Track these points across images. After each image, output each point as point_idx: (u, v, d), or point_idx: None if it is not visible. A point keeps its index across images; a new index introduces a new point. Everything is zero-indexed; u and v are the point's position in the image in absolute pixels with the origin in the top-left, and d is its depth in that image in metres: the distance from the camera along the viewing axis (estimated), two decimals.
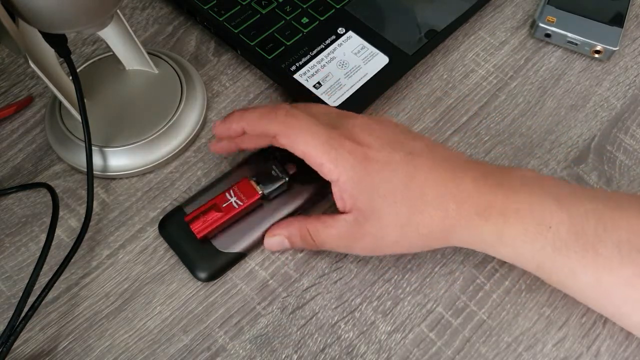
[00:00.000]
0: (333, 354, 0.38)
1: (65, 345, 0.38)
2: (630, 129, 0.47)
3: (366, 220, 0.36)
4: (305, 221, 0.38)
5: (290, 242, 0.39)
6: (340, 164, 0.35)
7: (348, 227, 0.36)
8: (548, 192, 0.35)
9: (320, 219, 0.38)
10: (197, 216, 0.39)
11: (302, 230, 0.38)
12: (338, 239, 0.37)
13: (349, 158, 0.35)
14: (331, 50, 0.48)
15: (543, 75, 0.50)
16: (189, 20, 0.53)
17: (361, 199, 0.35)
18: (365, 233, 0.36)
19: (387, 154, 0.36)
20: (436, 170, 0.36)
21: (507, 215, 0.34)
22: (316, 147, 0.35)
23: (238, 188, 0.40)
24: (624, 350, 0.38)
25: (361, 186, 0.35)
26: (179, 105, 0.45)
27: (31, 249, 0.41)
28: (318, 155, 0.35)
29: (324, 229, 0.37)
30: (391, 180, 0.35)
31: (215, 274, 0.40)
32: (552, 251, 0.34)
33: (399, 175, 0.35)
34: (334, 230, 0.37)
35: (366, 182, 0.35)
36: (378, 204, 0.35)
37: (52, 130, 0.45)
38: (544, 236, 0.34)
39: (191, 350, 0.38)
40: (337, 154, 0.35)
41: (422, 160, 0.36)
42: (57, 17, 0.35)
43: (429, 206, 0.35)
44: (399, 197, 0.35)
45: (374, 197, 0.35)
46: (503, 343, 0.38)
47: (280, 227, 0.39)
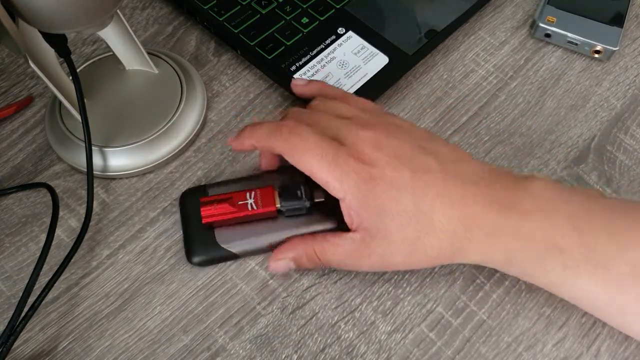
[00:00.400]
0: (333, 354, 0.38)
1: (65, 345, 0.38)
2: (630, 129, 0.47)
3: (373, 239, 0.35)
4: (312, 241, 0.38)
5: (297, 264, 0.38)
6: (346, 182, 0.35)
7: (355, 246, 0.36)
8: (560, 212, 0.34)
9: (327, 238, 0.37)
10: (212, 202, 0.39)
11: (308, 250, 0.38)
12: (345, 258, 0.37)
13: (354, 177, 0.34)
14: (331, 50, 0.48)
15: (543, 75, 0.50)
16: (189, 20, 0.53)
17: (367, 218, 0.35)
18: (372, 252, 0.35)
19: (395, 172, 0.35)
20: (446, 189, 0.35)
21: (517, 239, 0.34)
22: (322, 166, 0.35)
23: (259, 193, 0.40)
24: (624, 350, 0.38)
25: (367, 206, 0.35)
26: (179, 105, 0.45)
27: (31, 249, 0.41)
28: (323, 174, 0.35)
29: (331, 248, 0.37)
30: (399, 200, 0.34)
31: (206, 263, 0.40)
32: (562, 270, 0.34)
33: (407, 195, 0.34)
34: (340, 249, 0.36)
35: (372, 201, 0.34)
36: (385, 224, 0.35)
37: (52, 130, 0.45)
38: (555, 258, 0.34)
39: (191, 350, 0.38)
40: (342, 172, 0.35)
41: (431, 177, 0.35)
42: (57, 17, 0.35)
43: (437, 228, 0.34)
44: (407, 218, 0.34)
45: (381, 217, 0.34)
46: (503, 343, 0.38)
47: (286, 250, 0.38)
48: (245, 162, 0.45)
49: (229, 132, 0.47)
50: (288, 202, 0.40)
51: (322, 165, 0.35)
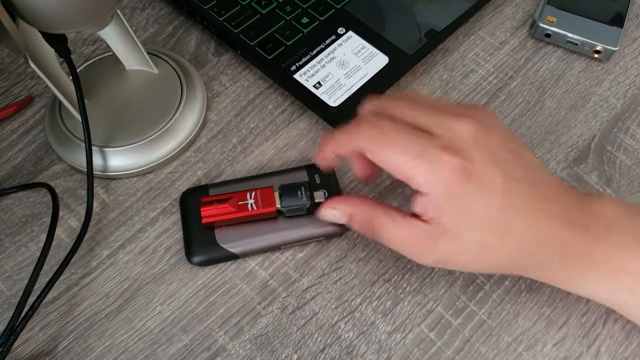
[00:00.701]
0: (333, 354, 0.38)
1: (65, 345, 0.38)
2: (630, 129, 0.47)
3: (443, 235, 0.33)
4: (374, 209, 0.35)
5: (349, 221, 0.36)
6: (434, 177, 0.32)
7: (421, 236, 0.33)
8: (631, 236, 0.34)
9: (391, 214, 0.35)
10: (212, 202, 0.39)
11: (367, 216, 0.35)
12: (406, 243, 0.34)
13: (446, 172, 0.32)
14: (331, 50, 0.48)
15: (543, 75, 0.50)
16: (189, 20, 0.53)
17: (448, 216, 0.33)
18: (437, 247, 0.33)
19: (491, 174, 0.32)
20: (530, 203, 0.33)
21: (585, 260, 0.33)
22: (406, 161, 0.33)
23: (260, 193, 0.40)
24: (624, 350, 0.38)
25: (453, 204, 0.32)
26: (179, 105, 0.45)
27: (31, 249, 0.41)
28: (407, 168, 0.33)
29: (393, 227, 0.34)
30: (488, 205, 0.32)
31: (206, 263, 0.40)
32: (628, 292, 0.34)
33: (496, 201, 0.32)
34: (403, 232, 0.34)
35: (460, 201, 0.32)
36: (464, 226, 0.33)
37: (52, 130, 0.45)
38: (621, 282, 0.33)
39: (191, 350, 0.38)
40: (431, 166, 0.32)
41: (519, 188, 0.33)
42: (57, 17, 0.35)
43: (515, 238, 0.33)
44: (488, 223, 0.33)
45: (463, 218, 0.33)
46: (503, 343, 0.38)
47: (345, 203, 0.36)
48: (245, 162, 0.45)
49: (228, 132, 0.47)
50: (288, 203, 0.40)
51: (407, 160, 0.32)
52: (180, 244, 0.41)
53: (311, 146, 0.46)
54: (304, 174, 0.43)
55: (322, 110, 0.46)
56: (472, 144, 0.33)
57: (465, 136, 0.33)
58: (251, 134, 0.47)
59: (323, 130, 0.47)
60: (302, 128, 0.47)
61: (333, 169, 0.43)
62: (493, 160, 0.33)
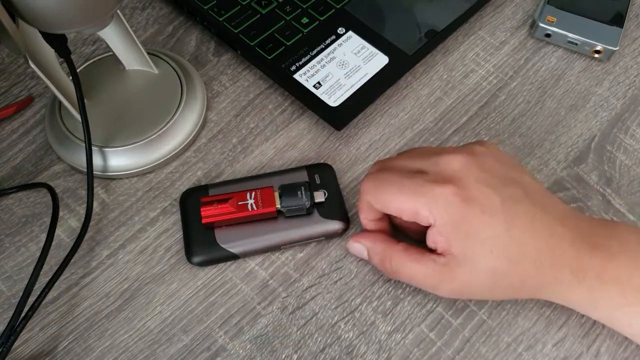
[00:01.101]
0: (333, 354, 0.38)
1: (65, 345, 0.38)
2: (630, 129, 0.47)
3: (459, 266, 0.34)
4: (392, 248, 0.37)
5: (368, 256, 0.38)
6: (434, 208, 0.34)
7: (437, 269, 0.34)
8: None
9: (408, 251, 0.36)
10: (212, 202, 0.39)
11: (385, 254, 0.37)
12: (423, 277, 0.35)
13: (443, 201, 0.33)
14: (331, 50, 0.48)
15: (543, 75, 0.50)
16: (189, 20, 0.53)
17: (456, 244, 0.33)
18: (454, 278, 0.34)
19: (487, 196, 0.33)
20: (535, 222, 0.34)
21: (603, 281, 0.33)
22: (405, 200, 0.34)
23: (260, 193, 0.40)
24: (624, 351, 0.38)
25: (458, 231, 0.33)
26: (179, 105, 0.45)
27: (31, 249, 0.41)
28: (409, 205, 0.34)
29: (410, 263, 0.36)
30: (491, 227, 0.33)
31: (206, 263, 0.40)
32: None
33: (499, 222, 0.33)
34: (420, 268, 0.35)
35: (464, 226, 0.33)
36: (474, 251, 0.33)
37: (52, 130, 0.45)
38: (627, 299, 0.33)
39: (191, 350, 0.38)
40: (428, 199, 0.34)
41: (521, 208, 0.34)
42: (57, 17, 0.35)
43: (526, 259, 0.33)
44: (497, 245, 0.33)
45: (471, 243, 0.33)
46: (503, 343, 0.38)
47: (366, 239, 0.38)
48: (245, 162, 0.45)
49: (228, 132, 0.47)
50: (288, 203, 0.40)
51: (404, 198, 0.34)
52: (180, 244, 0.41)
53: (311, 146, 0.46)
54: (304, 174, 0.43)
55: (322, 110, 0.46)
56: (464, 172, 0.34)
57: (456, 167, 0.35)
58: (251, 134, 0.47)
59: (323, 130, 0.47)
60: (302, 128, 0.47)
61: (332, 169, 0.44)
62: (487, 184, 0.34)
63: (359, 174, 0.45)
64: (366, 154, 0.46)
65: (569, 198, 0.43)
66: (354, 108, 0.46)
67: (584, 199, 0.43)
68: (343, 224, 0.41)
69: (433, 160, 0.36)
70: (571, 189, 0.44)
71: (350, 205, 0.43)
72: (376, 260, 0.38)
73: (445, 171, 0.35)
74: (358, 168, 0.45)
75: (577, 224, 0.35)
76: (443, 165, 0.35)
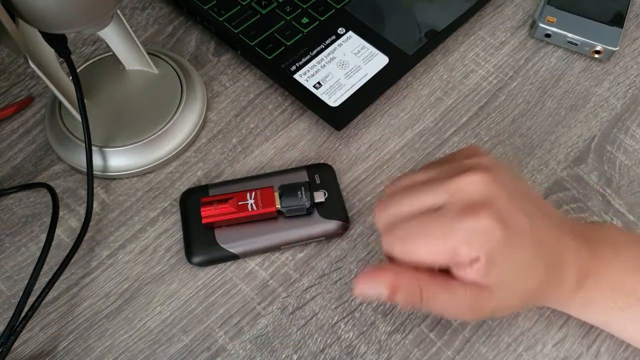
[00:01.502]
0: (333, 354, 0.38)
1: (65, 345, 0.38)
2: (630, 129, 0.47)
3: (491, 295, 0.31)
4: (418, 276, 0.32)
5: (392, 294, 0.32)
6: (474, 242, 0.30)
7: (470, 298, 0.31)
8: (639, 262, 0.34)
9: (436, 279, 0.32)
10: (212, 202, 0.39)
11: (412, 284, 0.32)
12: (456, 308, 0.32)
13: (482, 233, 0.30)
14: (331, 51, 0.48)
15: (543, 75, 0.50)
16: (189, 20, 0.53)
17: (492, 274, 0.31)
18: (486, 306, 0.32)
19: (516, 217, 0.31)
20: (549, 235, 0.33)
21: (599, 286, 0.34)
22: (440, 245, 0.31)
23: (260, 193, 0.40)
24: (624, 351, 0.38)
25: (495, 261, 0.31)
26: (179, 105, 0.45)
27: (31, 249, 0.41)
28: (444, 250, 0.31)
29: (442, 294, 0.32)
30: (524, 249, 0.31)
31: (206, 263, 0.40)
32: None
33: (528, 243, 0.31)
34: (453, 299, 0.32)
35: (502, 254, 0.31)
36: (507, 278, 0.31)
37: (52, 130, 0.45)
38: (633, 308, 0.34)
39: (191, 351, 0.38)
40: (465, 235, 0.30)
41: (543, 224, 0.32)
42: (57, 17, 0.35)
43: (547, 276, 0.32)
44: (528, 269, 0.32)
45: (508, 271, 0.31)
46: (503, 343, 0.38)
47: (384, 273, 0.32)
48: (245, 162, 0.45)
49: (228, 132, 0.47)
50: (288, 203, 0.40)
51: (436, 242, 0.31)
52: (180, 244, 0.41)
53: (311, 146, 0.46)
54: (304, 174, 0.43)
55: (322, 111, 0.46)
56: (491, 194, 0.31)
57: (480, 190, 0.31)
58: (251, 134, 0.47)
59: (323, 130, 0.47)
60: (302, 128, 0.47)
61: (332, 169, 0.44)
62: (512, 204, 0.31)
63: (359, 174, 0.45)
64: (366, 154, 0.46)
65: (569, 198, 0.43)
66: (354, 108, 0.46)
67: (584, 199, 0.43)
68: (343, 224, 0.41)
69: (451, 187, 0.32)
70: (571, 189, 0.44)
71: (351, 205, 0.43)
72: (403, 297, 0.32)
73: (472, 197, 0.31)
74: (358, 168, 0.45)
75: (573, 230, 0.34)
76: (466, 190, 0.31)
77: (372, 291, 0.33)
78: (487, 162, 0.33)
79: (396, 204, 0.33)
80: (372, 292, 0.33)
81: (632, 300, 0.33)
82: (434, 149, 0.46)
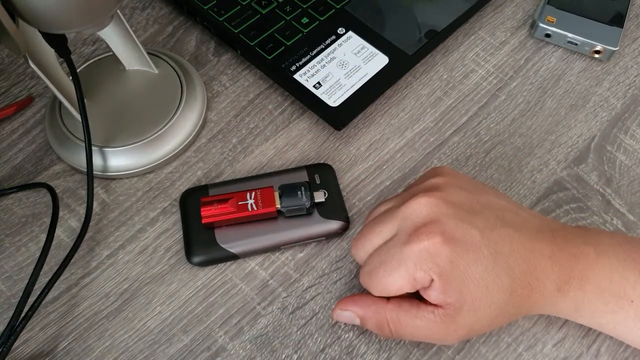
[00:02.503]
0: (333, 354, 0.38)
1: (65, 345, 0.38)
2: (630, 129, 0.47)
3: (459, 312, 0.32)
4: (385, 308, 0.34)
5: (362, 323, 0.35)
6: (425, 265, 0.32)
7: (439, 321, 0.32)
8: (626, 262, 0.34)
9: (403, 306, 0.33)
10: (212, 202, 0.39)
11: (379, 317, 0.34)
12: (427, 333, 0.33)
13: (427, 255, 0.32)
14: (331, 51, 0.48)
15: (543, 75, 0.50)
16: (189, 20, 0.53)
17: (452, 292, 0.32)
18: (458, 326, 0.32)
19: (465, 232, 0.32)
20: (514, 244, 0.33)
21: (585, 290, 0.33)
22: (398, 275, 0.32)
23: (260, 193, 0.40)
24: (624, 351, 0.38)
25: (449, 278, 0.32)
26: (179, 105, 0.45)
27: (31, 249, 0.41)
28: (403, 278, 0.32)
29: (409, 320, 0.33)
30: (479, 262, 0.32)
31: (206, 263, 0.40)
32: (633, 320, 0.34)
33: (485, 255, 0.32)
34: (421, 323, 0.33)
35: (455, 272, 0.32)
36: (470, 293, 0.32)
37: (52, 130, 0.45)
38: (625, 309, 0.33)
39: (191, 350, 0.38)
40: (414, 260, 0.32)
41: (497, 234, 0.33)
42: (57, 17, 0.35)
43: (517, 284, 0.32)
44: (490, 279, 0.32)
45: (467, 286, 0.32)
46: (503, 343, 0.38)
47: (355, 304, 0.35)
48: (245, 162, 0.45)
49: (228, 132, 0.47)
50: (288, 203, 0.40)
51: (394, 272, 0.32)
52: (180, 244, 0.41)
53: (311, 146, 0.46)
54: (304, 174, 0.43)
55: (322, 110, 0.46)
56: (434, 214, 0.32)
57: (424, 212, 0.33)
58: (251, 134, 0.47)
59: (323, 130, 0.47)
60: (302, 128, 0.47)
61: (332, 169, 0.44)
62: (461, 220, 0.32)
63: (359, 173, 0.45)
64: (366, 154, 0.46)
65: (569, 198, 0.43)
66: (354, 108, 0.46)
67: (584, 199, 0.43)
68: (343, 224, 0.41)
69: (399, 215, 0.33)
70: (571, 189, 0.44)
71: (351, 205, 0.43)
72: (371, 325, 0.35)
73: (416, 221, 0.33)
74: (358, 168, 0.45)
75: (552, 236, 0.34)
76: (410, 215, 0.33)
77: (346, 319, 0.36)
78: (440, 181, 0.34)
79: (365, 237, 0.35)
80: (347, 320, 0.36)
81: (623, 302, 0.33)
82: (434, 148, 0.46)
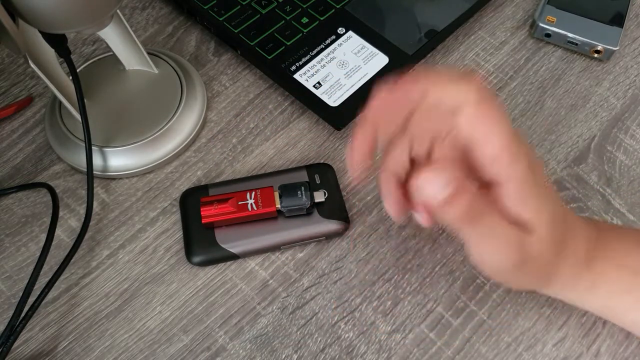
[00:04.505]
0: (333, 354, 0.38)
1: (65, 345, 0.38)
2: (630, 129, 0.47)
3: (534, 232, 0.29)
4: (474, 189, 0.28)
5: (450, 197, 0.27)
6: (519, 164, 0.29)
7: (517, 235, 0.29)
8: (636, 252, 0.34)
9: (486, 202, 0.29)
10: (212, 202, 0.40)
11: (472, 194, 0.27)
12: (500, 242, 0.29)
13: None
14: (331, 50, 0.48)
15: (543, 75, 0.50)
16: (189, 20, 0.53)
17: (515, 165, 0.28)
18: (531, 245, 0.29)
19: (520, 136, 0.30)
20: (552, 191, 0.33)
21: (605, 262, 0.34)
22: (506, 141, 0.28)
23: (260, 193, 0.40)
24: (624, 350, 0.38)
25: (541, 198, 0.30)
26: (179, 105, 0.45)
27: (31, 249, 0.41)
28: (505, 147, 0.28)
29: (492, 215, 0.28)
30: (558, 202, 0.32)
31: (206, 263, 0.40)
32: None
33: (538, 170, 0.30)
34: (500, 228, 0.28)
35: (546, 197, 0.30)
36: (534, 186, 0.29)
37: (52, 130, 0.45)
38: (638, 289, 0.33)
39: (191, 350, 0.38)
40: (519, 150, 0.29)
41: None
42: (57, 17, 0.35)
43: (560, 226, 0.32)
44: (548, 194, 0.31)
45: (557, 214, 0.31)
46: (503, 343, 0.38)
47: (449, 169, 0.27)
48: (245, 162, 0.45)
49: (228, 132, 0.47)
50: (288, 203, 0.40)
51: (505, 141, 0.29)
52: (180, 244, 0.41)
53: (311, 146, 0.46)
54: (304, 174, 0.43)
55: (322, 110, 0.46)
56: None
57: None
58: (251, 134, 0.47)
59: (323, 130, 0.47)
60: (302, 128, 0.47)
61: (332, 168, 0.44)
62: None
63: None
64: None
65: (569, 198, 0.43)
66: (354, 108, 0.46)
67: (584, 199, 0.43)
68: (343, 224, 0.41)
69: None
70: (571, 189, 0.44)
71: (351, 205, 0.43)
72: (460, 206, 0.27)
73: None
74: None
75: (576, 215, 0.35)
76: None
77: (431, 188, 0.27)
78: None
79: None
80: (431, 188, 0.27)
81: (638, 279, 0.33)
82: None
